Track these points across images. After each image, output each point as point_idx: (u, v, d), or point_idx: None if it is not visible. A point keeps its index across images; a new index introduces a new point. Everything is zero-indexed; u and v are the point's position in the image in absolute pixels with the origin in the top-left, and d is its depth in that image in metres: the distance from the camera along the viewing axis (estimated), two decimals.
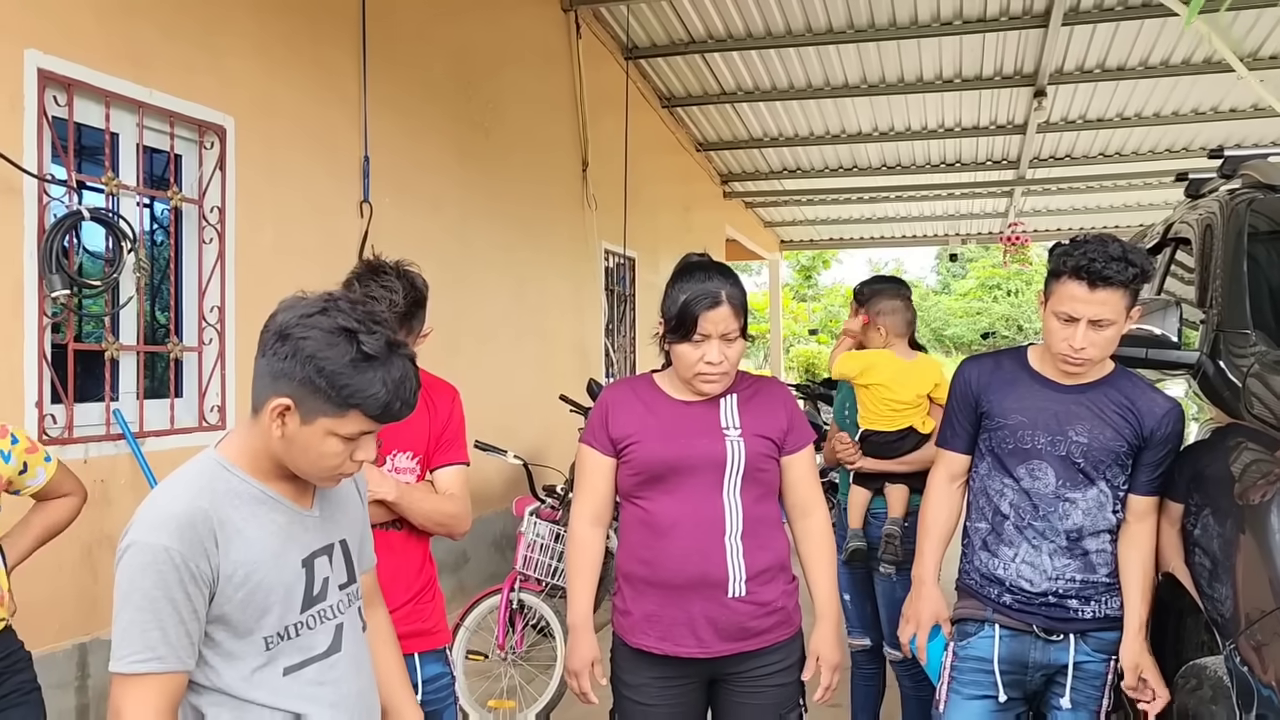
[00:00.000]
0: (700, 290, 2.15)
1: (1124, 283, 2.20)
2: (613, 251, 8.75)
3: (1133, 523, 2.34)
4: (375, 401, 1.49)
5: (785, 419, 2.28)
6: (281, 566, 1.55)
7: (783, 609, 2.24)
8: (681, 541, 2.17)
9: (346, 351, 1.47)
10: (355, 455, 1.55)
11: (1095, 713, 2.34)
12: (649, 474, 2.21)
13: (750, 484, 2.21)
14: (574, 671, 2.32)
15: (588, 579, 2.32)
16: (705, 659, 2.20)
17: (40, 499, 2.35)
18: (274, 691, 1.53)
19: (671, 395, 2.28)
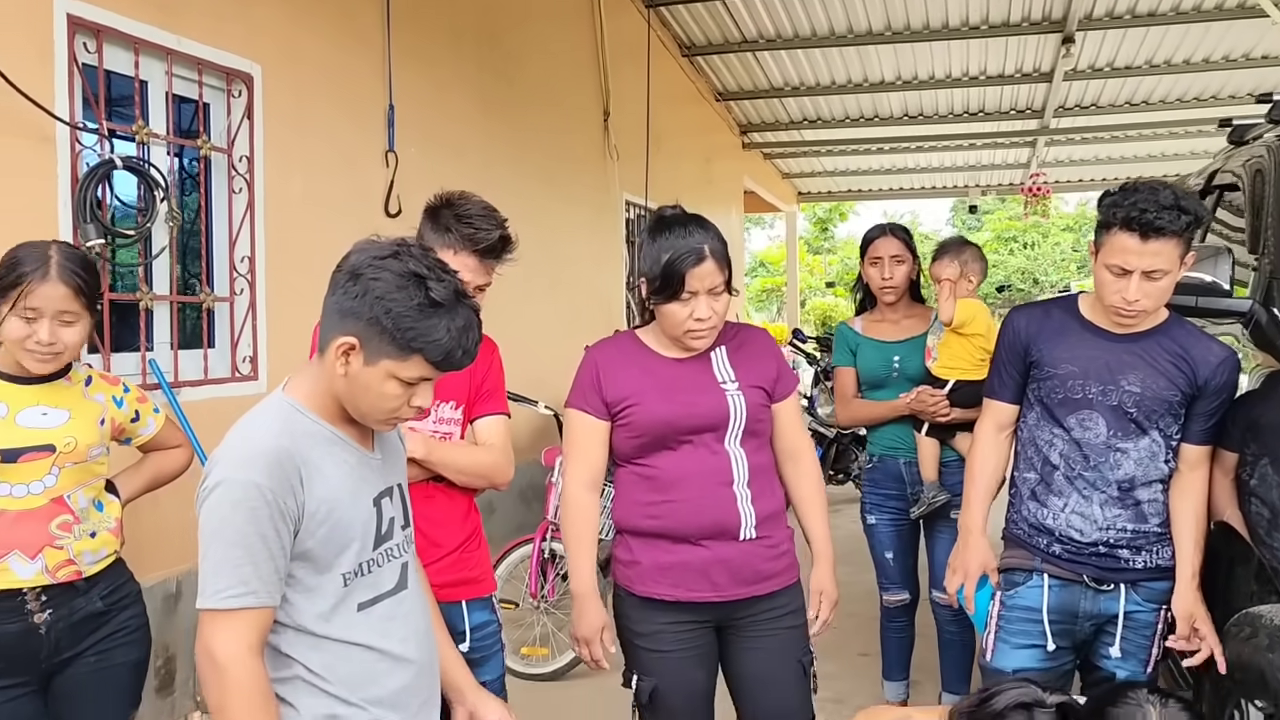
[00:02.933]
0: (683, 247, 2.11)
1: (1177, 231, 2.15)
2: (634, 203, 8.68)
3: (1185, 472, 2.32)
4: (438, 348, 1.51)
5: (774, 367, 2.29)
6: (357, 505, 1.58)
7: (787, 553, 2.27)
8: (691, 494, 2.17)
9: (415, 296, 1.49)
10: (413, 400, 1.56)
11: (1145, 662, 2.34)
12: (651, 435, 2.19)
13: (750, 435, 2.22)
14: (584, 639, 2.29)
15: (588, 546, 2.32)
16: (718, 603, 2.21)
17: (147, 450, 2.38)
18: (349, 627, 1.56)
19: (660, 352, 2.26)
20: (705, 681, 2.29)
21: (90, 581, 2.11)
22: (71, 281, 2.04)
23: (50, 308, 2.01)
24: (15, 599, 2.01)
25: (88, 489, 2.13)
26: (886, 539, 3.58)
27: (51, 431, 2.06)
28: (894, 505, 3.54)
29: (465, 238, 2.20)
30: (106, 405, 2.19)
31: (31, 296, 1.99)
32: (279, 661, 1.53)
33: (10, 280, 2.00)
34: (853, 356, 3.59)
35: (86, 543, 2.10)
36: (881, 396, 3.54)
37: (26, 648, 2.02)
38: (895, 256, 3.48)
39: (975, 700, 1.58)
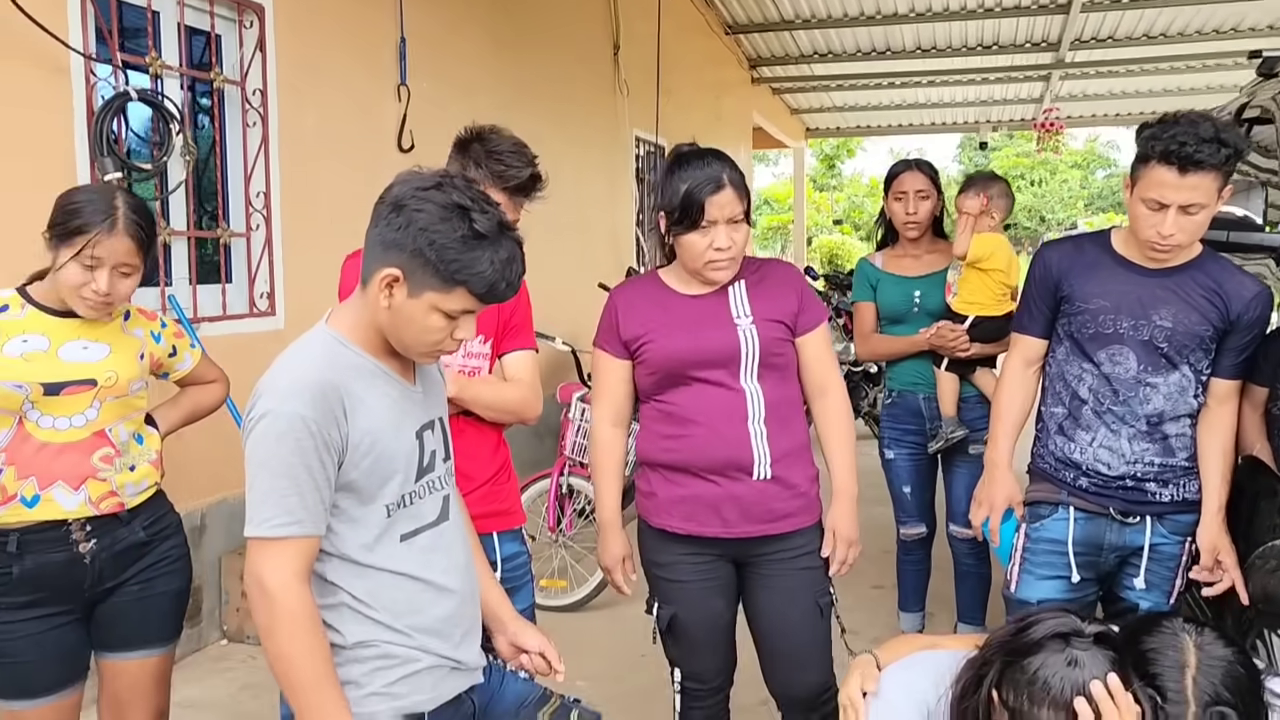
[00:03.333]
0: (702, 176, 2.11)
1: (1217, 165, 2.11)
2: (644, 139, 8.59)
3: (1214, 406, 2.32)
4: (482, 280, 1.50)
5: (795, 300, 2.25)
6: (400, 437, 1.59)
7: (806, 494, 2.25)
8: (706, 429, 2.17)
9: (459, 228, 1.48)
10: (456, 333, 1.56)
11: (1168, 594, 2.36)
12: (665, 372, 2.21)
13: (768, 370, 2.20)
14: (606, 567, 2.39)
15: (613, 479, 2.37)
16: (730, 539, 2.22)
17: (184, 385, 2.39)
18: (392, 557, 1.58)
19: (679, 290, 2.25)
20: (724, 611, 2.32)
21: (133, 512, 2.13)
22: (136, 235, 2.03)
23: (113, 259, 2.00)
24: (60, 529, 2.03)
25: (128, 423, 2.14)
26: (905, 474, 3.60)
27: (93, 365, 2.06)
28: (912, 440, 3.56)
29: (495, 174, 2.17)
30: (145, 340, 2.19)
31: (97, 247, 1.97)
32: (325, 589, 1.55)
33: (74, 227, 1.98)
34: (873, 292, 3.58)
35: (127, 475, 2.11)
36: (901, 332, 3.53)
37: (71, 577, 2.05)
38: (920, 192, 3.45)
39: (1012, 629, 1.59)
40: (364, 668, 1.55)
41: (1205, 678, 1.57)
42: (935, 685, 1.70)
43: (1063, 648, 1.51)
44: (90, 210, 1.99)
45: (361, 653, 1.55)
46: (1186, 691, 1.57)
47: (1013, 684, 1.52)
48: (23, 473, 2.00)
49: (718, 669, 2.38)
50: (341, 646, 1.54)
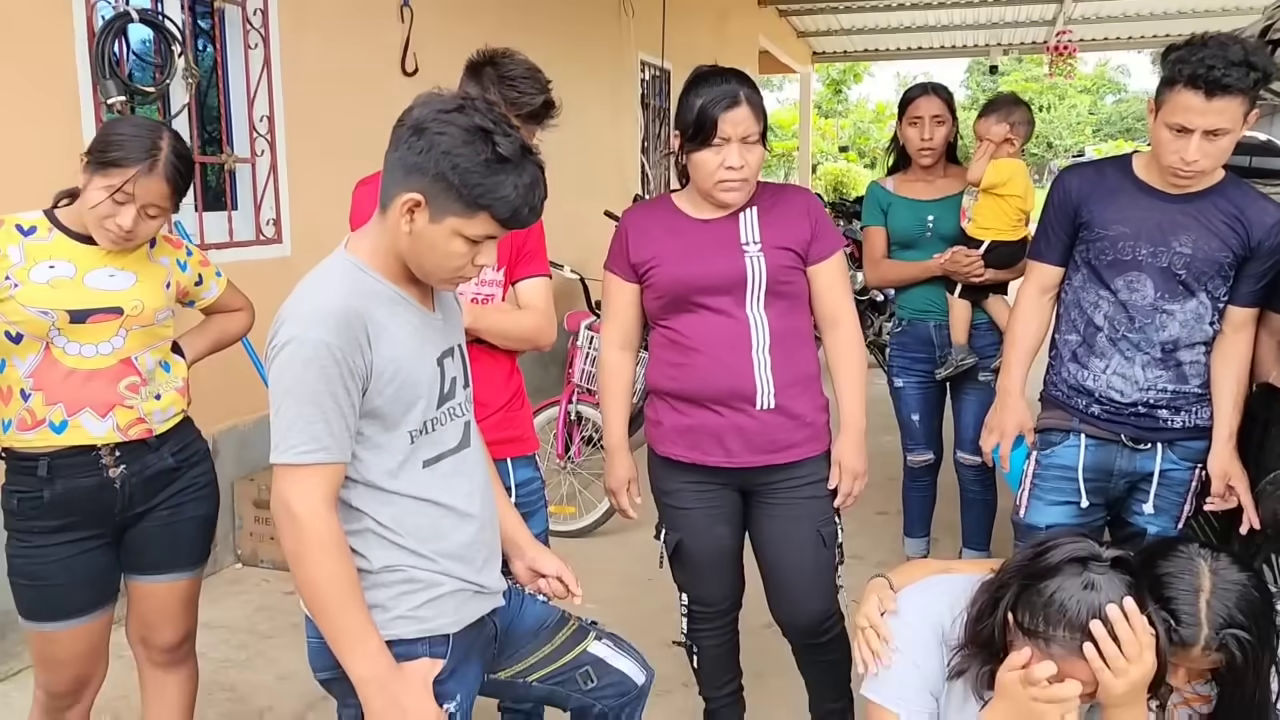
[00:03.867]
0: (718, 92, 2.08)
1: (1245, 89, 2.07)
2: (649, 63, 8.43)
3: (1229, 334, 2.32)
4: (505, 204, 1.49)
5: (808, 227, 2.21)
6: (422, 364, 1.59)
7: (812, 424, 2.24)
8: (709, 357, 2.17)
9: (481, 151, 1.46)
10: (477, 259, 1.55)
11: (1176, 519, 2.39)
12: (671, 296, 2.19)
13: (775, 298, 2.17)
14: (612, 490, 2.42)
15: (620, 403, 2.38)
16: (733, 469, 2.22)
17: (210, 313, 2.38)
18: (415, 483, 1.59)
19: (691, 214, 2.22)
20: (729, 539, 2.34)
21: (161, 439, 2.14)
22: (174, 179, 2.00)
23: (144, 199, 1.97)
24: (90, 454, 2.04)
25: (154, 351, 2.13)
26: (913, 401, 3.61)
27: (119, 294, 2.05)
28: (922, 369, 3.56)
29: (508, 100, 2.13)
30: (171, 269, 2.18)
31: (133, 184, 1.95)
32: (350, 515, 1.56)
33: (112, 159, 1.95)
34: (884, 216, 3.54)
35: (154, 403, 2.12)
36: (912, 257, 3.51)
37: (102, 501, 2.07)
38: (936, 117, 3.40)
39: (1030, 554, 1.61)
40: (390, 592, 1.57)
41: (1219, 601, 1.59)
42: (950, 608, 1.72)
43: (1080, 571, 1.52)
44: (133, 145, 1.96)
45: (387, 577, 1.57)
46: (1200, 615, 1.59)
47: (1029, 607, 1.54)
48: (51, 399, 2.01)
49: (723, 594, 2.42)
50: (368, 571, 1.56)
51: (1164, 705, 1.83)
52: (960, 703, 1.70)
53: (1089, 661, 1.48)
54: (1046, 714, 1.51)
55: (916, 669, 1.72)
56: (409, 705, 1.51)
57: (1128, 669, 1.48)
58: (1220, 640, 1.58)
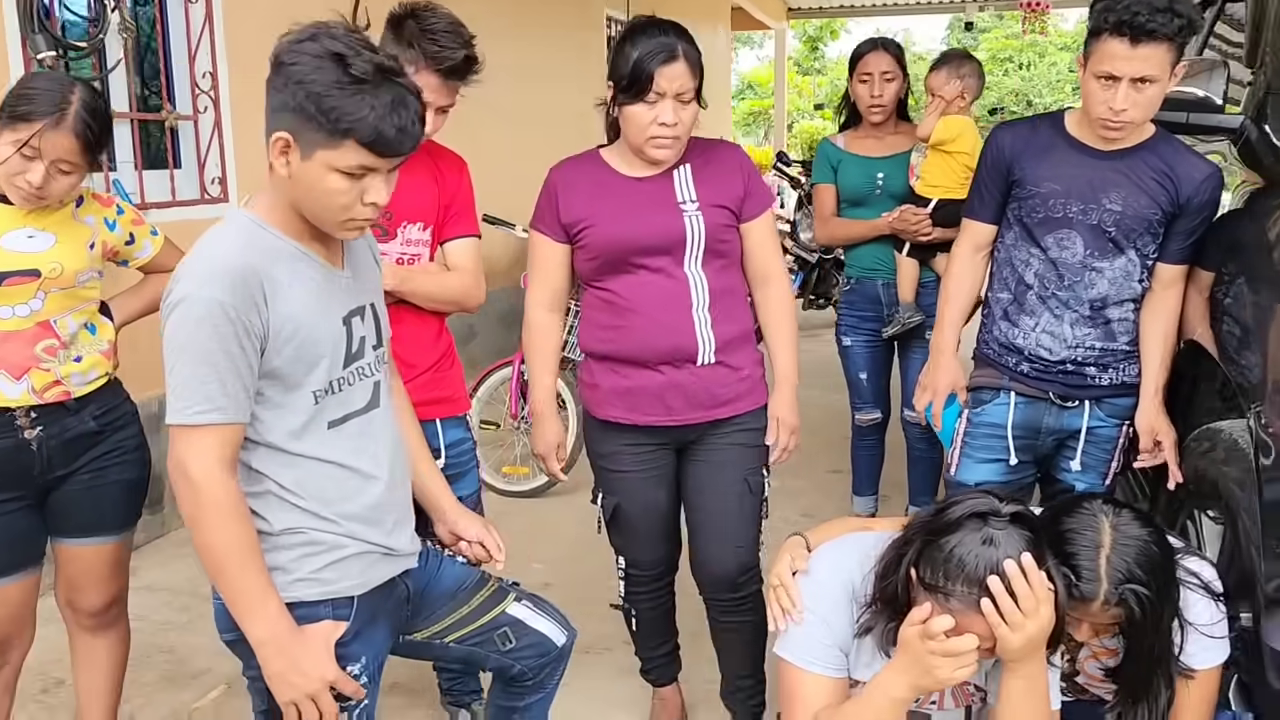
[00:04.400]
0: (655, 45, 2.02)
1: (1169, 35, 2.07)
2: (616, 19, 8.33)
3: (1158, 290, 2.32)
4: (366, 126, 1.42)
5: (741, 185, 2.19)
6: (325, 322, 1.56)
7: (749, 377, 2.24)
8: (648, 318, 2.14)
9: (333, 74, 1.41)
10: (366, 197, 1.49)
11: (1103, 475, 2.40)
12: (607, 258, 2.15)
13: (712, 257, 2.16)
14: (540, 455, 2.40)
15: (547, 365, 2.36)
16: (673, 426, 2.21)
17: (148, 272, 2.33)
18: (320, 444, 1.57)
19: (622, 171, 2.18)
20: (665, 502, 2.33)
21: (81, 402, 2.10)
22: (83, 134, 1.95)
23: (53, 154, 1.92)
24: (4, 416, 2.02)
25: (77, 314, 2.09)
26: (861, 360, 3.61)
27: (36, 256, 2.01)
28: (869, 327, 3.56)
29: (428, 55, 2.08)
30: (97, 228, 2.13)
31: (40, 139, 1.90)
32: (251, 477, 1.55)
33: (21, 113, 1.90)
34: (833, 173, 3.52)
35: (73, 366, 2.08)
36: (862, 215, 3.49)
37: (19, 463, 2.04)
38: (886, 73, 3.36)
39: (934, 510, 1.62)
40: (291, 554, 1.56)
41: (1119, 557, 1.61)
42: (861, 565, 1.73)
43: (980, 527, 1.53)
44: (41, 99, 1.92)
45: (288, 539, 1.56)
46: (1100, 570, 1.61)
47: (930, 562, 1.55)
48: None
49: (659, 558, 2.41)
50: (268, 533, 1.55)
51: (1074, 659, 1.86)
52: (869, 659, 1.71)
53: (986, 616, 1.50)
54: (942, 668, 1.52)
55: (826, 626, 1.73)
56: (308, 667, 1.51)
57: (1024, 624, 1.49)
58: (1120, 595, 1.60)
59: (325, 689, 1.53)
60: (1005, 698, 1.59)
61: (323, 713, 1.54)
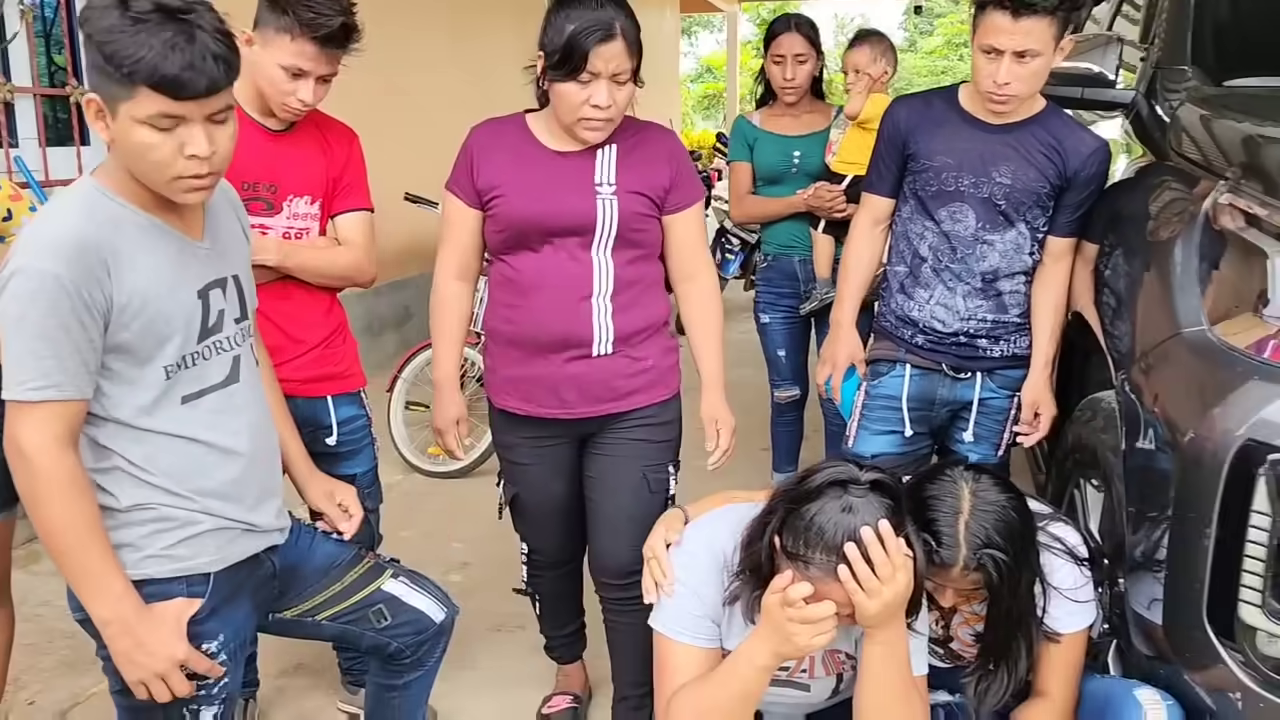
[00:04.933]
0: (592, 20, 1.88)
1: (1049, 10, 2.09)
2: None
3: (1049, 264, 2.34)
4: (149, 67, 1.36)
5: (668, 174, 2.08)
6: (177, 296, 1.52)
7: (654, 368, 2.13)
8: (545, 301, 2.04)
9: (110, 18, 1.36)
10: (186, 150, 1.42)
11: (996, 445, 2.43)
12: (513, 231, 2.05)
13: (624, 245, 2.05)
14: (439, 430, 2.31)
15: (451, 336, 2.25)
16: (570, 419, 2.12)
17: None
18: (173, 420, 1.53)
19: (544, 143, 2.06)
20: (565, 494, 2.26)
21: None
22: None
23: None
24: None
25: None
26: (779, 337, 3.62)
27: None
28: (787, 304, 3.57)
29: (304, 22, 2.02)
30: None
31: None
32: (98, 453, 1.51)
33: None
34: (750, 151, 3.52)
35: None
36: (778, 193, 3.49)
37: None
38: (799, 55, 3.36)
39: (795, 479, 1.62)
40: (141, 530, 1.53)
41: (977, 522, 1.62)
42: (733, 536, 1.74)
43: (840, 495, 1.54)
44: None
45: (137, 516, 1.52)
46: (959, 535, 1.62)
47: (792, 531, 1.55)
48: None
49: (560, 547, 2.36)
50: (116, 510, 1.51)
51: (948, 625, 1.88)
52: (740, 629, 1.72)
53: (843, 583, 1.50)
54: (800, 634, 1.53)
55: (697, 597, 1.73)
56: (155, 647, 1.48)
57: (880, 590, 1.50)
58: (978, 560, 1.61)
59: (175, 668, 1.50)
60: (865, 663, 1.61)
61: (175, 692, 1.52)
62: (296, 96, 2.07)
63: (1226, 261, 1.72)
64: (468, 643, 2.79)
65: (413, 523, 3.72)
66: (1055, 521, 1.80)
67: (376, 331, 5.65)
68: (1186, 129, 2.18)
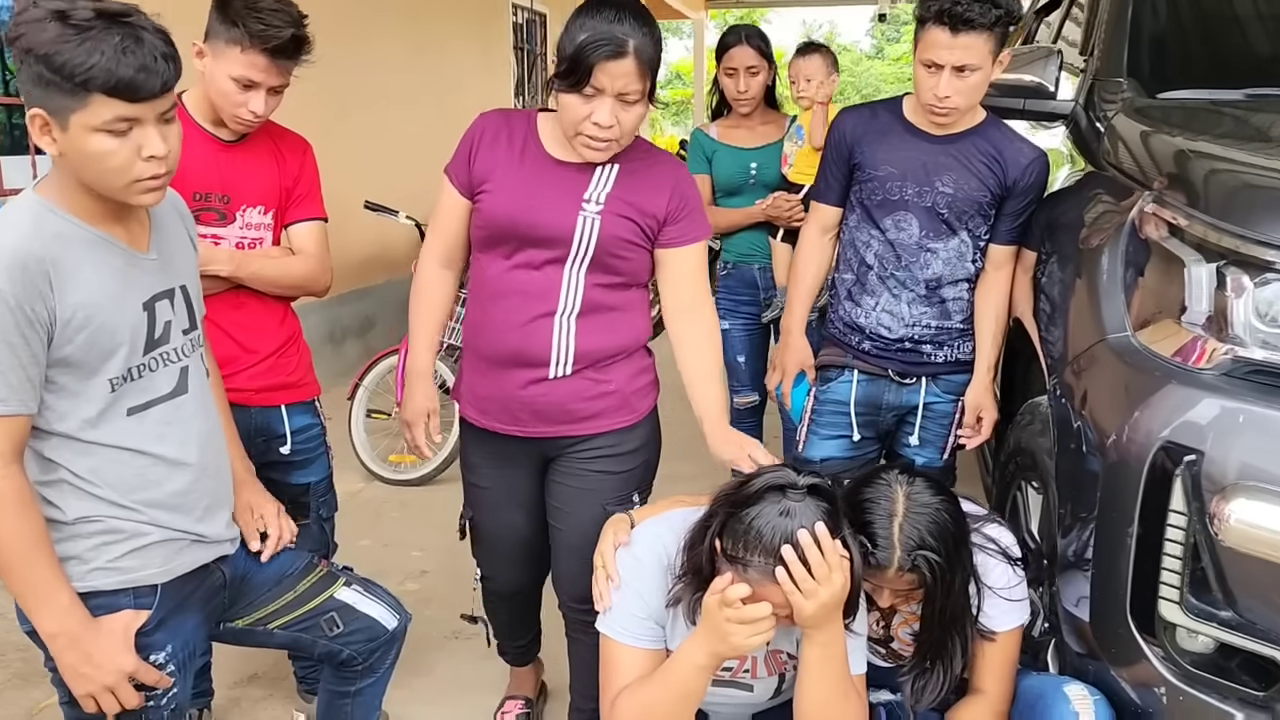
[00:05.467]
0: (604, 33, 1.78)
1: (987, 25, 2.14)
2: (521, 6, 8.29)
3: (990, 271, 2.40)
4: (103, 72, 1.38)
5: (665, 204, 1.96)
6: (123, 309, 1.52)
7: (616, 393, 2.03)
8: (505, 311, 1.97)
9: (53, 29, 1.38)
10: (143, 152, 1.45)
11: (941, 449, 2.48)
12: (491, 232, 1.98)
13: (600, 268, 1.94)
14: (406, 422, 2.19)
15: (430, 324, 2.16)
16: (526, 438, 2.04)
17: None
18: (119, 432, 1.54)
19: (548, 148, 1.98)
20: (524, 526, 2.18)
21: None
22: None
23: None
24: None
25: None
26: (739, 343, 3.66)
27: None
28: (747, 311, 3.61)
29: (254, 34, 2.03)
30: None
31: None
32: (44, 466, 1.52)
33: None
34: (708, 164, 3.56)
35: None
36: (737, 203, 3.54)
37: None
38: (751, 68, 3.41)
39: (735, 484, 1.66)
40: (88, 543, 1.54)
41: (911, 525, 1.67)
42: (677, 538, 1.77)
43: (778, 499, 1.58)
44: None
45: (84, 528, 1.53)
46: (894, 537, 1.67)
47: (731, 534, 1.59)
48: None
49: (515, 579, 2.30)
50: (62, 522, 1.52)
51: (889, 625, 1.92)
52: (684, 631, 1.75)
53: (781, 585, 1.54)
54: (737, 634, 1.57)
55: (641, 599, 1.76)
56: (102, 659, 1.50)
57: (817, 591, 1.54)
58: (912, 561, 1.66)
59: (123, 680, 1.52)
60: (804, 663, 1.65)
61: (123, 704, 1.53)
62: (248, 108, 2.09)
63: (1150, 270, 1.78)
64: (424, 650, 2.80)
65: (373, 531, 3.73)
66: (989, 523, 1.85)
67: (338, 340, 5.65)
68: (1120, 140, 2.24)
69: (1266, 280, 1.54)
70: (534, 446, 2.07)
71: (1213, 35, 2.85)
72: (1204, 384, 1.57)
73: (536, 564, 2.26)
